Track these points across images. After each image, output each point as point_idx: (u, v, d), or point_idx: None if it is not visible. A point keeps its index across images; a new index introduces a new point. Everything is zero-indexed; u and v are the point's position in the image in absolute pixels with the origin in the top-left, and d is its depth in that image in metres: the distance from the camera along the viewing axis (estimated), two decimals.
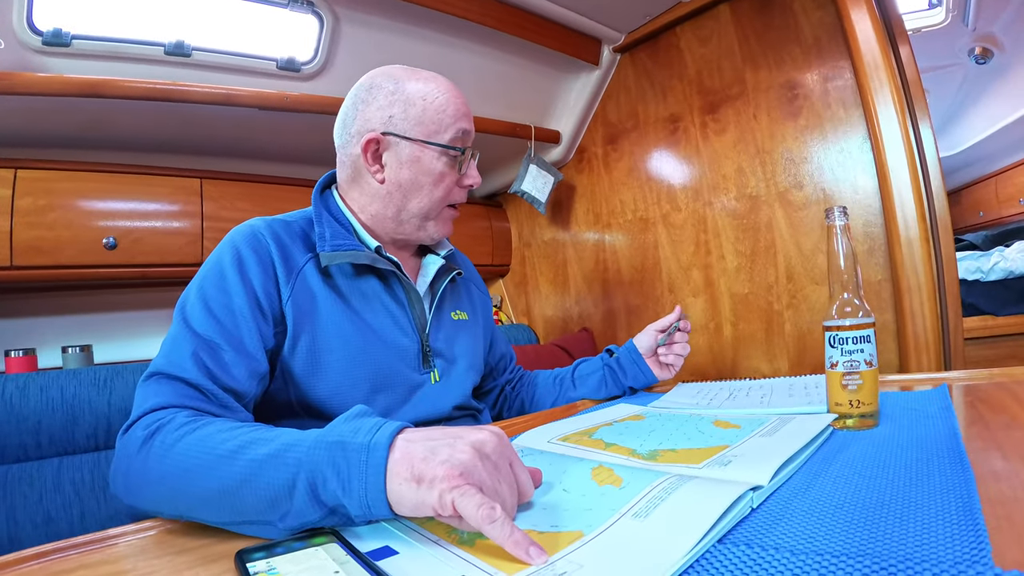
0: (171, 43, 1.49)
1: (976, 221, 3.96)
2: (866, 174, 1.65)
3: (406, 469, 0.45)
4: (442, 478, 0.43)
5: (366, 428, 0.49)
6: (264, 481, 0.49)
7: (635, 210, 2.23)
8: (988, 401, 0.75)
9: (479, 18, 1.74)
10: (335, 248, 0.84)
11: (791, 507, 0.46)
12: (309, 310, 0.81)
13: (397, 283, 0.91)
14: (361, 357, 0.84)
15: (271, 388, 0.80)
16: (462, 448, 0.46)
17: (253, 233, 0.82)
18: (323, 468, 0.47)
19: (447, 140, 0.88)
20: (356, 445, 0.47)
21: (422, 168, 0.88)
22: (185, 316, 0.73)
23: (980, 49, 3.03)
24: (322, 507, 0.48)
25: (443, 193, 0.91)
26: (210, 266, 0.79)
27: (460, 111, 0.90)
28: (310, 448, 0.49)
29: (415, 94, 0.88)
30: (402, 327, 0.90)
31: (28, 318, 1.68)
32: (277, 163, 2.01)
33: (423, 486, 0.44)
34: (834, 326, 0.71)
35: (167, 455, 0.56)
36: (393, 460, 0.46)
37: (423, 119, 0.87)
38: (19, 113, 1.41)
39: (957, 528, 0.37)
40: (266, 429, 0.56)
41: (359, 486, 0.46)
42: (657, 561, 0.37)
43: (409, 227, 0.93)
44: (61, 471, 1.17)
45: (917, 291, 1.49)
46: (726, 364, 1.99)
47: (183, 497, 0.54)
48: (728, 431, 0.67)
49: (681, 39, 2.04)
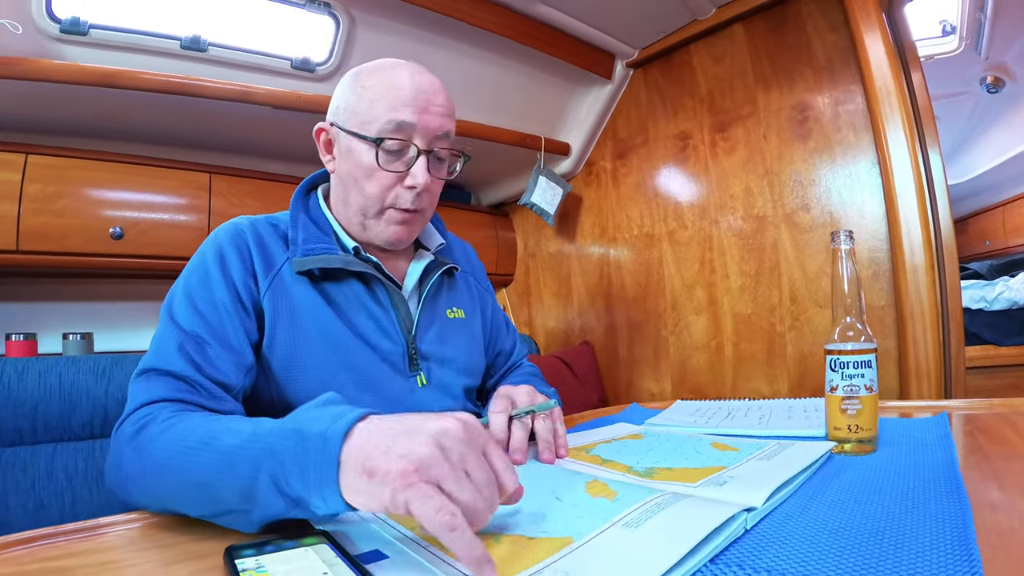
0: (187, 37, 1.50)
1: (982, 250, 3.96)
2: (874, 199, 1.65)
3: (359, 461, 0.42)
4: (396, 474, 0.40)
5: (327, 416, 0.46)
6: (232, 472, 0.48)
7: (641, 226, 2.23)
8: (987, 431, 0.75)
9: (495, 27, 1.75)
10: (307, 252, 0.82)
11: (785, 530, 0.45)
12: (288, 307, 0.80)
13: (379, 285, 0.88)
14: (343, 357, 0.82)
15: (256, 385, 0.80)
16: (422, 440, 0.42)
17: (236, 230, 0.83)
18: (283, 458, 0.45)
19: (374, 131, 0.80)
20: (313, 434, 0.45)
21: (353, 160, 0.83)
22: (172, 313, 0.74)
23: (992, 78, 3.04)
24: (285, 499, 0.46)
25: (376, 190, 0.82)
26: (195, 263, 0.79)
27: (400, 100, 0.80)
28: (271, 437, 0.47)
29: (362, 82, 0.83)
30: (385, 331, 0.87)
31: (30, 303, 1.69)
32: (287, 162, 2.02)
33: (375, 481, 0.41)
34: (836, 350, 0.71)
35: (148, 451, 0.56)
36: (347, 451, 0.43)
37: (357, 108, 0.82)
38: (33, 99, 1.42)
39: (951, 558, 0.37)
40: (239, 420, 0.55)
41: (315, 477, 0.43)
42: (645, 571, 0.37)
43: (356, 225, 0.87)
44: (55, 458, 1.17)
45: (920, 318, 1.49)
46: (726, 383, 1.99)
47: (164, 491, 0.54)
48: (726, 453, 0.67)
49: (694, 57, 2.05)
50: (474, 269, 1.12)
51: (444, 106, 0.84)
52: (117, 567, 0.44)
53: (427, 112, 0.82)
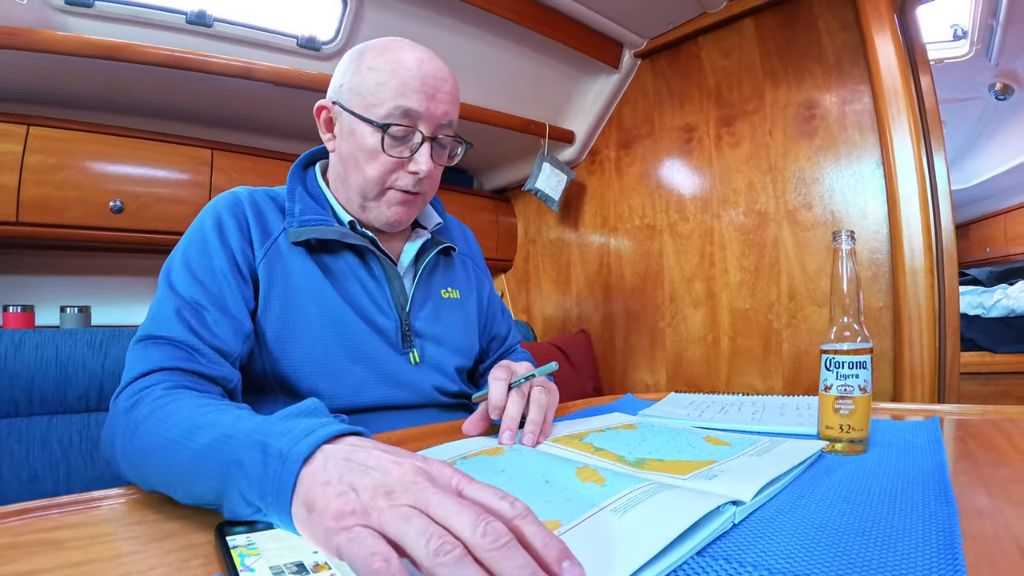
0: (193, 12, 1.49)
1: (982, 257, 3.96)
2: (876, 200, 1.65)
3: (305, 490, 0.38)
4: (332, 514, 0.36)
5: (296, 431, 0.43)
6: (204, 472, 0.46)
7: (643, 216, 2.23)
8: (978, 437, 0.75)
9: (503, 11, 1.74)
10: (303, 224, 0.83)
11: (773, 526, 0.46)
12: (282, 275, 0.81)
13: (374, 259, 0.88)
14: (336, 327, 0.82)
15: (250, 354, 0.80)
16: (373, 480, 0.37)
17: (234, 198, 0.84)
18: (246, 471, 0.43)
19: (380, 115, 0.80)
20: (274, 451, 0.42)
21: (356, 142, 0.83)
22: (170, 281, 0.74)
23: (1001, 85, 3.02)
24: (251, 505, 0.43)
25: (377, 173, 0.83)
26: (193, 231, 0.80)
27: (408, 86, 0.80)
28: (239, 444, 0.45)
29: (368, 63, 0.82)
30: (379, 305, 0.87)
31: (29, 276, 1.69)
32: (289, 140, 2.01)
33: (313, 515, 0.37)
34: (831, 349, 0.71)
35: (136, 434, 0.56)
36: (303, 476, 0.39)
37: (362, 90, 0.82)
38: (36, 70, 1.41)
39: (936, 561, 0.37)
40: (221, 411, 0.53)
41: (272, 500, 0.40)
42: (629, 555, 0.37)
43: (355, 205, 0.88)
44: (50, 430, 1.18)
45: (917, 321, 1.49)
46: (720, 378, 2.00)
47: (149, 475, 0.54)
48: (718, 447, 0.67)
49: (703, 49, 2.04)
50: (472, 252, 1.11)
51: (450, 93, 0.84)
52: (110, 540, 0.44)
53: (434, 100, 0.82)
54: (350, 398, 0.83)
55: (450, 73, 0.86)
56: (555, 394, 0.79)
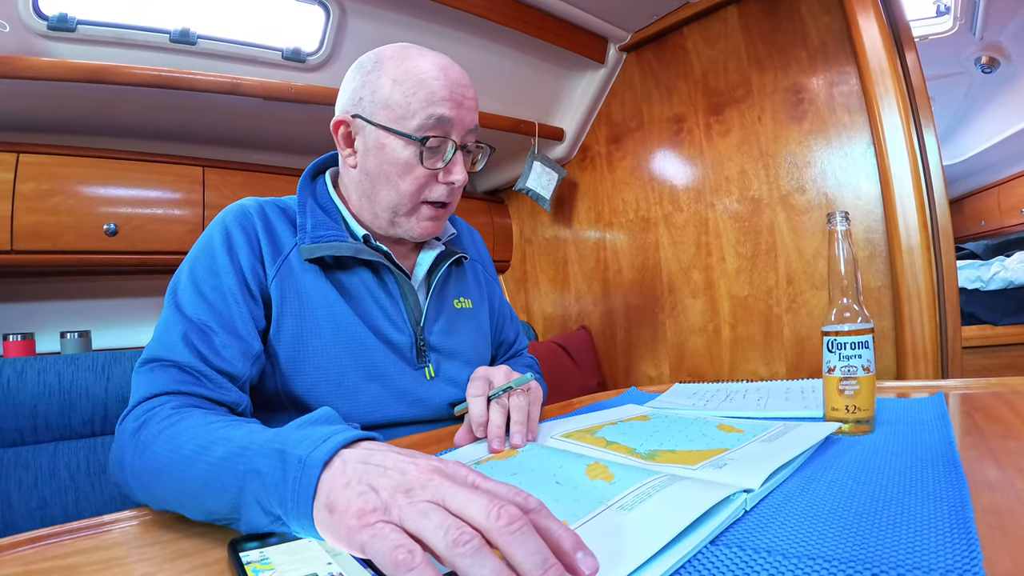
0: (177, 31, 1.49)
1: (977, 230, 3.96)
2: (869, 180, 1.65)
3: (325, 493, 0.39)
4: (354, 513, 0.37)
5: (313, 438, 0.43)
6: (219, 485, 0.47)
7: (637, 210, 2.23)
8: (984, 410, 0.75)
9: (486, 13, 1.74)
10: (316, 240, 0.81)
11: (784, 511, 0.46)
12: (295, 293, 0.79)
13: (389, 274, 0.86)
14: (352, 346, 0.80)
15: (262, 373, 0.78)
16: (391, 480, 0.38)
17: (243, 212, 0.81)
18: (265, 480, 0.43)
19: (413, 127, 0.78)
20: (293, 458, 0.42)
21: (386, 157, 0.80)
22: (177, 300, 0.72)
23: (987, 58, 3.03)
24: (269, 516, 0.43)
25: (412, 187, 0.81)
26: (201, 246, 0.78)
27: (437, 96, 0.78)
28: (256, 455, 0.45)
29: (390, 74, 0.80)
30: (394, 321, 0.86)
31: (27, 302, 1.68)
32: (280, 153, 2.01)
33: (335, 516, 0.38)
34: (832, 331, 0.71)
35: (147, 452, 0.56)
36: (322, 480, 0.40)
37: (389, 102, 0.79)
38: (23, 97, 1.41)
39: (949, 536, 0.38)
40: (233, 426, 0.53)
41: (292, 506, 0.41)
42: (635, 550, 0.37)
43: (383, 221, 0.86)
44: (57, 456, 1.17)
45: (916, 298, 1.49)
46: (723, 366, 2.00)
47: (162, 493, 0.54)
48: (731, 435, 0.67)
49: (688, 40, 2.04)
50: (482, 257, 1.10)
51: (475, 99, 0.84)
52: (123, 563, 0.44)
53: (462, 107, 0.81)
54: (365, 416, 0.82)
55: (470, 79, 0.85)
56: (536, 392, 0.78)
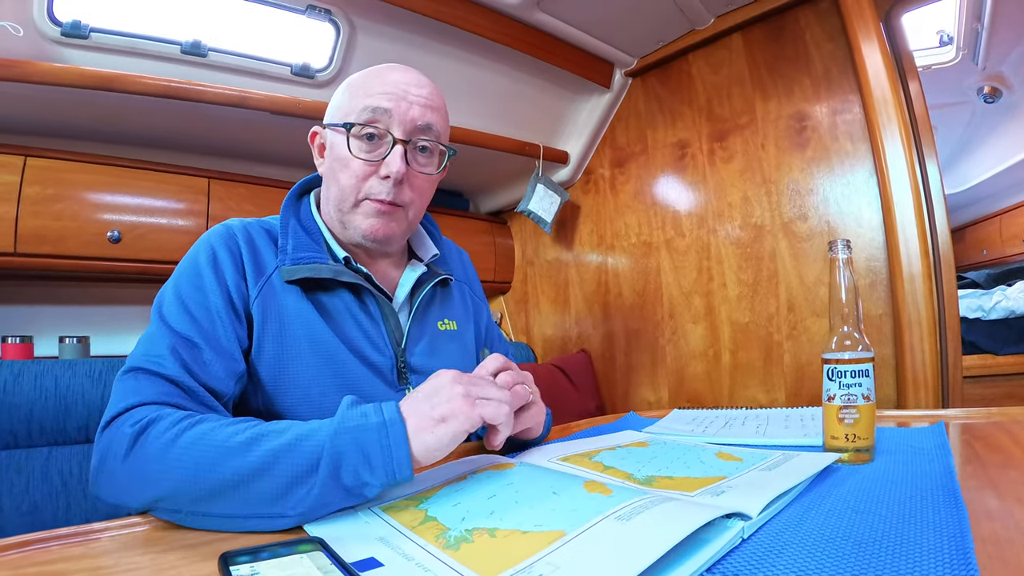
0: (188, 42, 1.50)
1: (979, 259, 3.96)
2: (871, 208, 1.65)
3: (427, 421, 0.55)
4: (460, 407, 0.56)
5: (371, 411, 0.56)
6: (283, 468, 0.52)
7: (639, 234, 2.24)
8: (985, 440, 0.75)
9: (494, 35, 1.76)
10: (296, 261, 0.80)
11: (782, 539, 0.45)
12: (276, 314, 0.78)
13: (370, 296, 0.85)
14: (333, 368, 0.80)
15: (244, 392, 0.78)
16: (448, 385, 0.58)
17: (228, 232, 0.81)
18: (346, 452, 0.52)
19: (352, 119, 0.80)
20: (374, 425, 0.54)
21: (333, 154, 0.82)
22: (163, 314, 0.72)
23: (989, 88, 3.05)
24: (340, 488, 0.52)
25: (350, 180, 0.80)
26: (187, 264, 0.78)
27: (374, 90, 0.80)
28: (331, 436, 0.53)
29: (349, 82, 0.84)
30: (374, 343, 0.84)
31: (27, 306, 1.69)
32: (285, 167, 2.02)
33: (448, 423, 0.55)
34: (833, 359, 0.71)
35: (169, 450, 0.55)
36: (411, 425, 0.54)
37: (341, 103, 0.82)
38: (33, 102, 1.43)
39: (949, 567, 0.37)
40: (270, 423, 0.58)
41: (383, 458, 0.53)
42: (632, 560, 0.37)
43: (337, 223, 0.85)
44: (50, 461, 1.17)
45: (917, 327, 1.49)
46: (723, 392, 1.99)
47: (188, 490, 0.53)
48: (729, 463, 0.67)
49: (693, 66, 2.06)
50: (469, 278, 1.08)
51: (426, 98, 0.82)
52: (111, 572, 0.44)
53: (404, 100, 0.80)
54: None
55: (429, 82, 0.84)
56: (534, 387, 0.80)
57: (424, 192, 0.86)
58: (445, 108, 0.87)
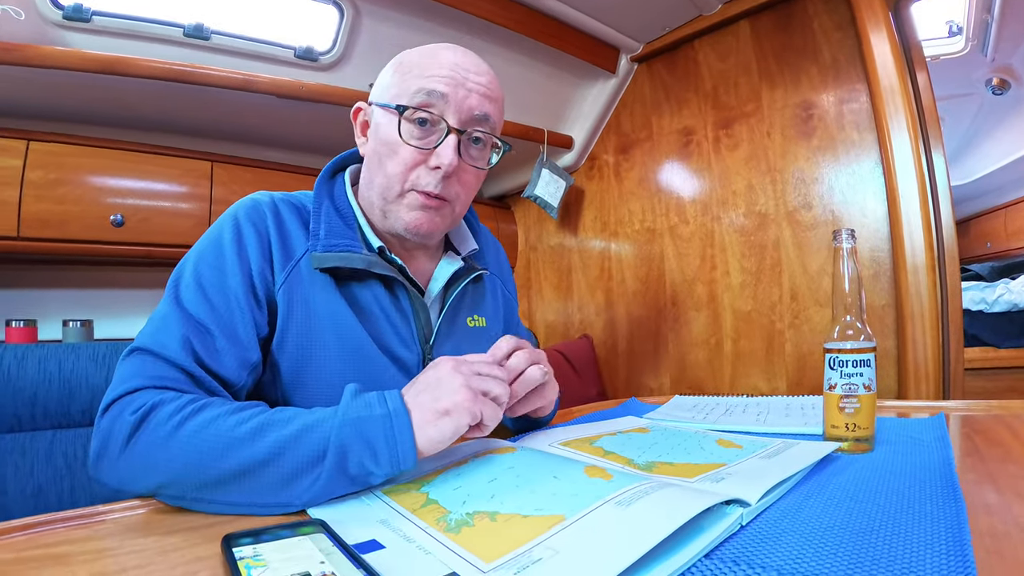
0: (190, 25, 1.49)
1: (983, 252, 3.95)
2: (876, 199, 1.65)
3: (431, 414, 0.55)
4: (461, 400, 0.55)
5: (375, 401, 0.56)
6: (289, 459, 0.52)
7: (643, 220, 2.23)
8: (984, 433, 0.75)
9: (500, 19, 1.74)
10: (328, 248, 0.75)
11: (781, 527, 0.46)
12: (303, 302, 0.74)
13: (402, 289, 0.80)
14: (359, 363, 0.76)
15: (262, 381, 0.75)
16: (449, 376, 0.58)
17: (256, 208, 0.76)
18: (352, 443, 0.53)
19: (404, 101, 0.74)
20: (378, 416, 0.54)
21: (380, 135, 0.76)
22: (178, 294, 0.68)
23: (998, 80, 3.03)
24: (346, 477, 0.53)
25: (399, 168, 0.75)
26: (209, 241, 0.73)
27: (431, 71, 0.74)
28: (337, 427, 0.53)
29: (401, 60, 0.78)
30: (402, 337, 0.80)
31: (30, 289, 1.69)
32: (290, 151, 2.02)
33: (452, 416, 0.55)
34: (835, 348, 0.71)
35: (173, 438, 0.54)
36: (416, 418, 0.55)
37: (392, 81, 0.76)
38: (35, 85, 1.42)
39: (946, 558, 0.37)
40: (274, 411, 0.57)
41: (388, 449, 0.53)
42: (631, 545, 0.37)
43: (379, 212, 0.79)
44: (54, 444, 1.17)
45: (920, 319, 1.49)
46: (724, 380, 1.99)
47: (193, 479, 0.53)
48: (730, 450, 0.67)
49: (699, 52, 2.04)
50: (502, 272, 1.03)
51: (486, 86, 0.76)
52: (115, 554, 0.44)
53: (463, 86, 0.74)
54: None
55: (489, 70, 0.79)
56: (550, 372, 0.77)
57: (471, 187, 0.81)
58: (503, 99, 0.81)
